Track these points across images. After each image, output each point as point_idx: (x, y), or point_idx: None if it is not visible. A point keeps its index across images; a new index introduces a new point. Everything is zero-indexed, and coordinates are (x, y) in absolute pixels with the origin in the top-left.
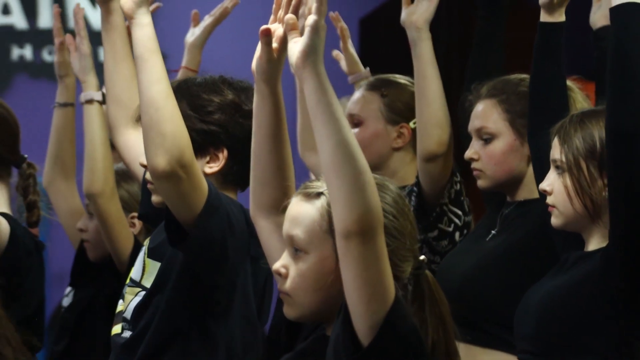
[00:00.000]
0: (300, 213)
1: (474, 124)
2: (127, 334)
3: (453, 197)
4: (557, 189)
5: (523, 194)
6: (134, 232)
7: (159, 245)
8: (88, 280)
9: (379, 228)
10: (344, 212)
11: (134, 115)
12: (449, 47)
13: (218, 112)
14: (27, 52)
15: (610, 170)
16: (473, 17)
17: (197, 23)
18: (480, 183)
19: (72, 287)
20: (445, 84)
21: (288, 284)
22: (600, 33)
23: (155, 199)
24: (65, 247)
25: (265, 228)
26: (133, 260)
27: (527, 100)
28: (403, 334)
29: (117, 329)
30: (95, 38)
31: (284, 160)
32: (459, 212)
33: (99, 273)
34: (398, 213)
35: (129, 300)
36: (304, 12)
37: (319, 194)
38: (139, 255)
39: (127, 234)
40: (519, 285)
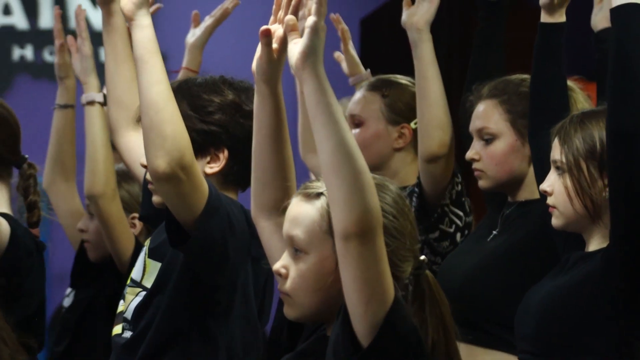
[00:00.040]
0: (300, 213)
1: (475, 125)
2: (127, 334)
3: (454, 197)
4: (557, 190)
5: (524, 195)
6: (135, 232)
7: (160, 246)
8: (88, 281)
9: (378, 229)
10: (343, 212)
11: (135, 117)
12: (450, 48)
13: (218, 112)
14: (28, 52)
15: (611, 171)
16: (473, 18)
17: (197, 24)
18: (481, 183)
19: (72, 287)
20: (446, 85)
21: (288, 284)
22: (602, 35)
23: (156, 200)
24: (66, 247)
25: (267, 228)
26: (134, 261)
27: (528, 101)
28: (403, 335)
29: (117, 329)
30: (97, 38)
31: (285, 161)
32: (460, 212)
33: (100, 273)
34: (398, 213)
35: (130, 301)
36: (304, 13)
37: (319, 195)
38: (140, 256)
39: (128, 235)
40: (520, 286)
